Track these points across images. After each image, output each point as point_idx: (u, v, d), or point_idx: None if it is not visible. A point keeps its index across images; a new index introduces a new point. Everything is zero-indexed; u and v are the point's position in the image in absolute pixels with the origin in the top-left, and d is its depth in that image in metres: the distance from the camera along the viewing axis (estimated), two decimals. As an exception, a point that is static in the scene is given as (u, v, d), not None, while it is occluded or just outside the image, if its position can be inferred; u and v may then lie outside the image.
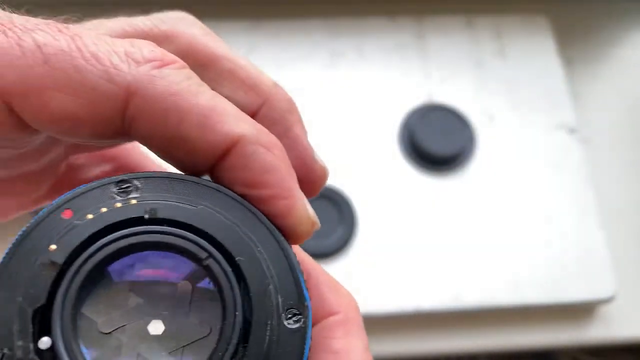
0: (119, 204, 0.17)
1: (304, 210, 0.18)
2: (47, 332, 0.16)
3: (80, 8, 0.63)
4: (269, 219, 0.18)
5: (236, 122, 0.17)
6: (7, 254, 0.17)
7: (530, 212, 0.53)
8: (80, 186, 0.18)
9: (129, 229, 0.17)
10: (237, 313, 0.17)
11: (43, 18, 0.18)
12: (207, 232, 0.17)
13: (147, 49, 0.17)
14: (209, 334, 0.17)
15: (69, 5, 0.63)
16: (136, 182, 0.18)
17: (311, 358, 0.18)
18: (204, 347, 0.17)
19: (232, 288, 0.17)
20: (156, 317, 0.18)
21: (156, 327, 0.17)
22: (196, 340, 0.17)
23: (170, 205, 0.17)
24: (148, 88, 0.17)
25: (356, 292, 0.52)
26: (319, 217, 0.20)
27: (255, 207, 0.18)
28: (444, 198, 0.53)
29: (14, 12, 0.19)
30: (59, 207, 0.17)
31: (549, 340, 0.52)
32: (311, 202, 0.20)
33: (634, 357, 0.63)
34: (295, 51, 0.58)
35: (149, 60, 0.17)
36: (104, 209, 0.17)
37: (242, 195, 0.18)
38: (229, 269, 0.17)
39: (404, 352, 0.51)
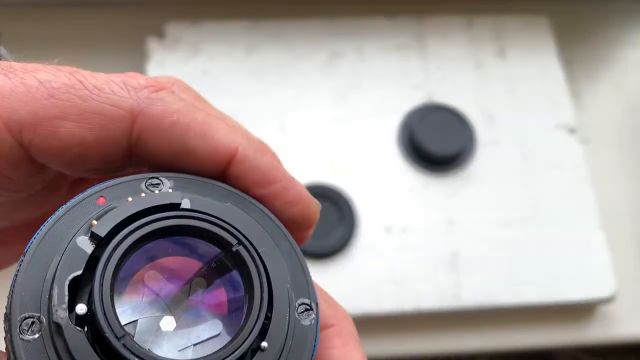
0: (156, 191, 0.19)
1: (309, 194, 0.21)
2: (81, 301, 0.17)
3: (81, 8, 0.63)
4: (281, 224, 0.20)
5: (232, 132, 0.20)
6: (42, 230, 0.18)
7: (530, 212, 0.53)
8: (111, 180, 0.19)
9: (166, 213, 0.18)
10: (263, 295, 0.18)
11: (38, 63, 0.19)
12: (233, 225, 0.18)
13: (141, 77, 0.19)
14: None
15: (69, 5, 0.63)
16: (165, 181, 0.19)
17: None
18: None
19: (259, 273, 0.18)
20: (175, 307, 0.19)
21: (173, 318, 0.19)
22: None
23: (200, 199, 0.19)
24: (150, 109, 0.18)
25: (356, 292, 0.52)
26: (319, 217, 0.22)
27: (270, 205, 0.20)
28: (444, 198, 0.53)
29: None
30: (91, 195, 0.18)
31: (549, 340, 0.52)
32: None
33: (634, 357, 0.63)
34: (295, 51, 0.58)
35: (145, 87, 0.19)
36: (142, 194, 0.18)
37: (258, 197, 0.20)
38: (256, 257, 0.18)
39: (403, 352, 0.51)
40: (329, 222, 0.50)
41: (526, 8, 0.63)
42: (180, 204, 0.18)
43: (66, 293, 0.17)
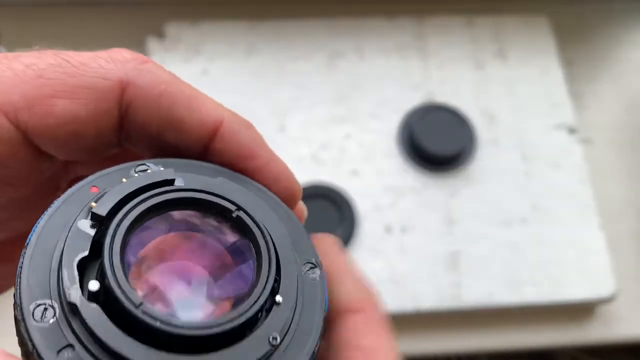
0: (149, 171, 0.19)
1: (292, 173, 0.21)
2: (91, 280, 0.17)
3: (81, 8, 0.63)
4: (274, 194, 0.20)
5: (217, 106, 0.20)
6: (40, 222, 0.18)
7: (530, 212, 0.53)
8: (101, 170, 0.19)
9: (163, 188, 0.18)
10: (270, 254, 0.18)
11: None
12: (229, 195, 0.19)
13: (127, 51, 0.20)
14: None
15: (69, 5, 0.63)
16: (153, 165, 0.19)
17: (337, 355, 0.20)
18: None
19: (263, 235, 0.18)
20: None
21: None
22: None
23: (192, 176, 0.19)
24: (139, 79, 0.19)
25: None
26: (319, 217, 0.23)
27: (256, 176, 0.21)
28: (444, 198, 0.53)
29: None
30: (84, 186, 0.19)
31: (549, 340, 0.52)
32: (312, 203, 0.21)
33: (634, 357, 0.63)
34: (295, 51, 0.58)
35: (131, 60, 0.19)
36: (135, 175, 0.19)
37: (241, 171, 0.20)
38: (258, 219, 0.19)
39: (403, 352, 0.51)
40: (329, 222, 0.50)
41: (526, 8, 0.63)
42: (174, 180, 0.18)
43: (76, 274, 0.17)
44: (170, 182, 0.19)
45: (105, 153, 0.20)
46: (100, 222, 0.18)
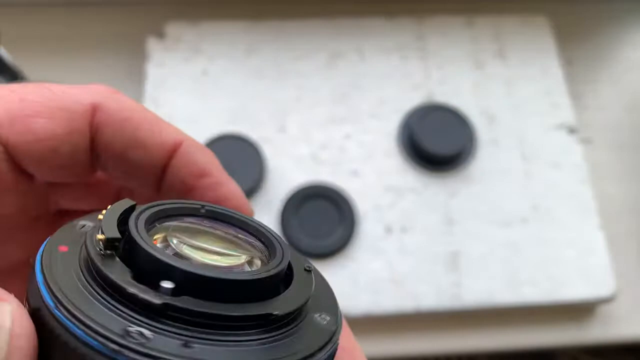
0: None
1: (244, 196, 0.24)
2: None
3: (81, 8, 0.63)
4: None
5: (177, 131, 0.23)
6: (45, 244, 0.18)
7: (530, 212, 0.53)
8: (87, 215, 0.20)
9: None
10: (280, 241, 0.19)
11: None
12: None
13: (100, 85, 0.22)
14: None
15: (69, 5, 0.63)
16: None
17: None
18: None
19: (273, 234, 0.20)
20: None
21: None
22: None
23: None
24: (107, 104, 0.22)
25: (356, 292, 0.52)
26: (319, 217, 0.24)
27: (205, 197, 0.23)
28: (444, 198, 0.53)
29: None
30: (74, 222, 0.20)
31: (549, 340, 0.52)
32: (312, 203, 0.22)
33: (634, 357, 0.63)
34: (295, 51, 0.58)
35: (104, 90, 0.22)
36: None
37: (192, 186, 0.23)
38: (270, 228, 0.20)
39: (403, 352, 0.51)
40: (329, 222, 0.50)
41: (526, 8, 0.63)
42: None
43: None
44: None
45: (80, 175, 0.23)
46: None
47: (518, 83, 0.58)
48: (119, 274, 0.16)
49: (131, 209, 0.18)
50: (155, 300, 0.15)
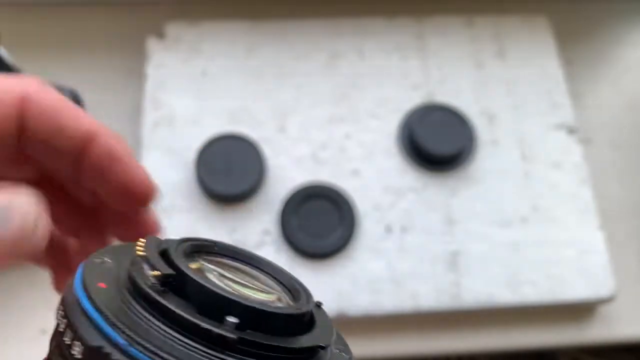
0: None
1: (150, 177, 0.26)
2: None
3: (81, 8, 0.63)
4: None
5: (95, 121, 0.25)
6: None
7: (530, 212, 0.53)
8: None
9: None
10: (303, 286, 0.20)
11: None
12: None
13: (32, 77, 0.25)
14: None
15: (69, 5, 0.63)
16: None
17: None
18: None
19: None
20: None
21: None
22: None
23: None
24: (37, 96, 0.24)
25: (356, 292, 0.52)
26: (319, 217, 0.25)
27: (120, 177, 0.25)
28: (444, 198, 0.53)
29: None
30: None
31: (549, 340, 0.52)
32: (312, 203, 0.22)
33: (634, 357, 0.63)
34: (295, 51, 0.58)
35: (32, 82, 0.24)
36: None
37: (105, 170, 0.25)
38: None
39: (403, 352, 0.51)
40: (329, 222, 0.50)
41: (526, 8, 0.63)
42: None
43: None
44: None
45: (8, 154, 0.25)
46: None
47: (518, 83, 0.58)
48: (185, 310, 0.16)
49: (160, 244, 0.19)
50: (230, 334, 0.16)
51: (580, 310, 0.53)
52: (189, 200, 0.51)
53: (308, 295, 0.20)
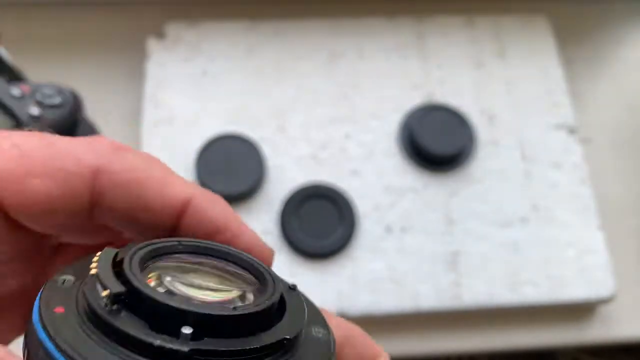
0: None
1: (262, 241, 0.23)
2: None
3: (81, 8, 0.63)
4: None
5: (186, 184, 0.22)
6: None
7: (530, 212, 0.53)
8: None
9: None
10: (271, 275, 0.20)
11: None
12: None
13: (105, 139, 0.21)
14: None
15: (69, 5, 0.63)
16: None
17: None
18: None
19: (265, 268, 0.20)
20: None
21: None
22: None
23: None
24: (111, 165, 0.21)
25: (356, 292, 0.52)
26: (319, 217, 0.24)
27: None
28: (444, 198, 0.53)
29: None
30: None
31: (549, 340, 0.52)
32: (312, 203, 0.22)
33: (634, 357, 0.63)
34: (295, 51, 0.58)
35: (107, 145, 0.21)
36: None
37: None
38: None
39: (403, 352, 0.51)
40: (329, 222, 0.50)
41: (526, 8, 0.63)
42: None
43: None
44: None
45: (81, 228, 0.22)
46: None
47: (518, 83, 0.58)
48: (136, 328, 0.16)
49: (116, 256, 0.18)
50: (183, 347, 0.16)
51: (580, 311, 0.53)
52: (189, 200, 0.51)
53: (276, 282, 0.19)
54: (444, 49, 0.59)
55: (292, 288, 0.20)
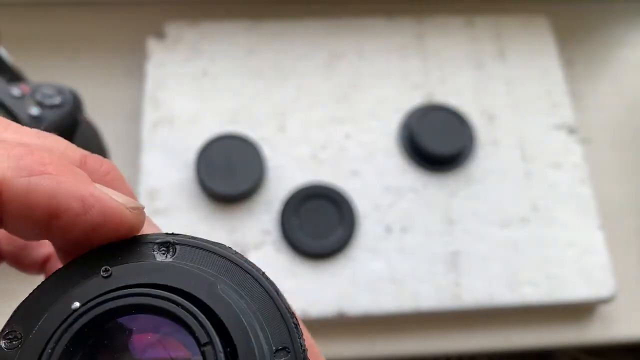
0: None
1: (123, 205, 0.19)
2: None
3: (81, 8, 0.63)
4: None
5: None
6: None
7: (530, 212, 0.53)
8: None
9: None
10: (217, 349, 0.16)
11: None
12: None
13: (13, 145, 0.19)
14: None
15: (69, 5, 0.63)
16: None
17: None
18: None
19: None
20: None
21: None
22: None
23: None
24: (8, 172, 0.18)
25: (356, 292, 0.52)
26: (319, 217, 0.22)
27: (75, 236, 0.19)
28: (444, 198, 0.53)
29: None
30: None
31: (549, 340, 0.52)
32: (312, 203, 0.20)
33: (634, 357, 0.63)
34: (295, 51, 0.58)
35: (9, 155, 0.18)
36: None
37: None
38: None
39: (403, 353, 0.51)
40: (329, 222, 0.50)
41: (526, 8, 0.63)
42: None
43: None
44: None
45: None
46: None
47: (518, 83, 0.58)
48: None
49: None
50: None
51: (580, 311, 0.53)
52: (189, 200, 0.51)
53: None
54: (444, 49, 0.59)
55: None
